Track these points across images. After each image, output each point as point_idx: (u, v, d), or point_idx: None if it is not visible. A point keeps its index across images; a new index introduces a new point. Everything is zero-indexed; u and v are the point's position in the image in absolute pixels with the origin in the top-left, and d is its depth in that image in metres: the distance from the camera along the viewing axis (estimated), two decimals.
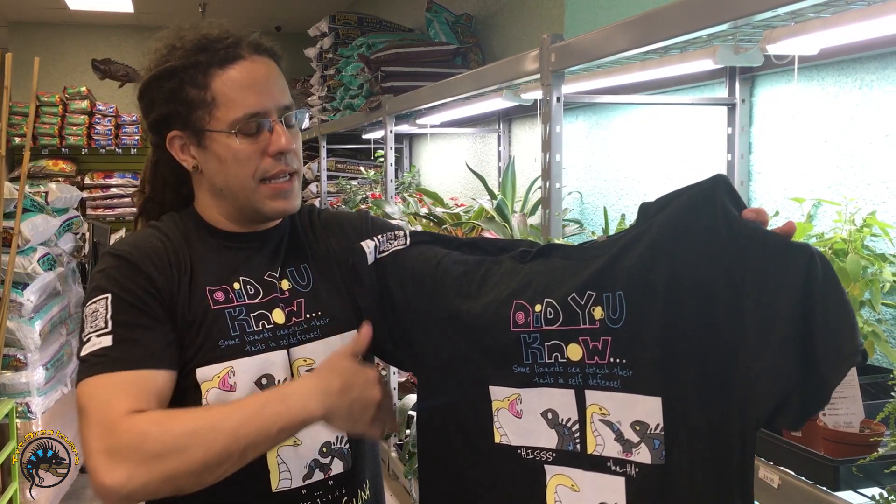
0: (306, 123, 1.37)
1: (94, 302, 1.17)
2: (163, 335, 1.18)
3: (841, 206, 1.73)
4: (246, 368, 1.22)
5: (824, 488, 1.23)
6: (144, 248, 1.22)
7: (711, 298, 0.99)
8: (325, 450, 1.27)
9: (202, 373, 1.21)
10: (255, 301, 1.26)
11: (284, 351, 1.25)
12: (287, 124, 1.25)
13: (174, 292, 1.21)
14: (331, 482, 1.27)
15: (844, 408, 1.26)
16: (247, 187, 1.23)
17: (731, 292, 0.98)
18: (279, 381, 1.24)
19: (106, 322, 1.15)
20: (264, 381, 1.23)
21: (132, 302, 1.17)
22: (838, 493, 1.21)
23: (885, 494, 1.13)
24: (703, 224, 1.01)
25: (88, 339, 1.15)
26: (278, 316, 1.26)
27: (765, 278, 0.95)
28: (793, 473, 1.29)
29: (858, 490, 1.21)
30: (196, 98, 1.21)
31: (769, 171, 2.12)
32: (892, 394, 1.20)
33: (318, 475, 1.26)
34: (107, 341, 1.13)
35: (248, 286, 1.27)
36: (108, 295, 1.17)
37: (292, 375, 1.25)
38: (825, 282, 0.93)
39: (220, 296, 1.24)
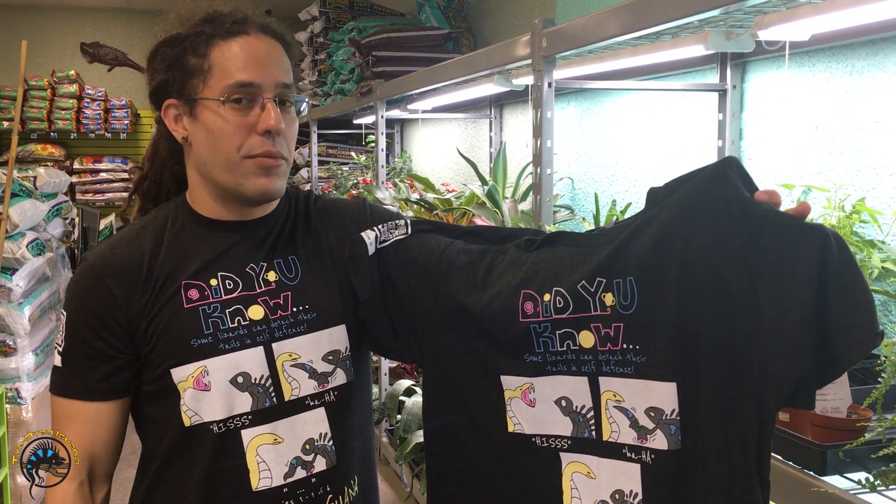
0: (305, 109, 1.34)
1: (61, 313, 1.26)
2: (104, 366, 1.22)
3: (830, 192, 1.74)
4: (219, 367, 1.20)
5: (812, 473, 1.24)
6: (113, 260, 1.22)
7: (725, 281, 0.98)
8: (307, 447, 1.24)
9: (177, 373, 1.20)
10: (232, 296, 1.23)
11: (261, 347, 1.22)
12: (282, 104, 1.22)
13: (140, 301, 1.21)
14: (314, 480, 1.25)
15: (832, 393, 1.26)
16: (231, 161, 1.19)
17: (744, 275, 0.97)
18: (255, 378, 1.22)
19: (62, 341, 1.24)
20: (240, 379, 1.21)
21: (81, 329, 1.22)
22: (825, 478, 1.22)
23: (872, 479, 1.14)
24: (715, 207, 0.99)
25: (56, 349, 1.26)
26: (255, 312, 1.23)
27: (779, 260, 0.94)
28: (781, 458, 1.30)
29: (845, 475, 1.22)
30: (194, 66, 1.20)
31: (760, 157, 2.13)
32: (880, 379, 1.20)
33: (301, 473, 1.24)
34: (59, 361, 1.24)
35: (226, 281, 1.24)
36: (66, 315, 1.24)
37: (276, 370, 1.23)
38: (841, 262, 0.92)
39: (194, 293, 1.22)
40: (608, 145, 2.87)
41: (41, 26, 7.61)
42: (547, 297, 1.10)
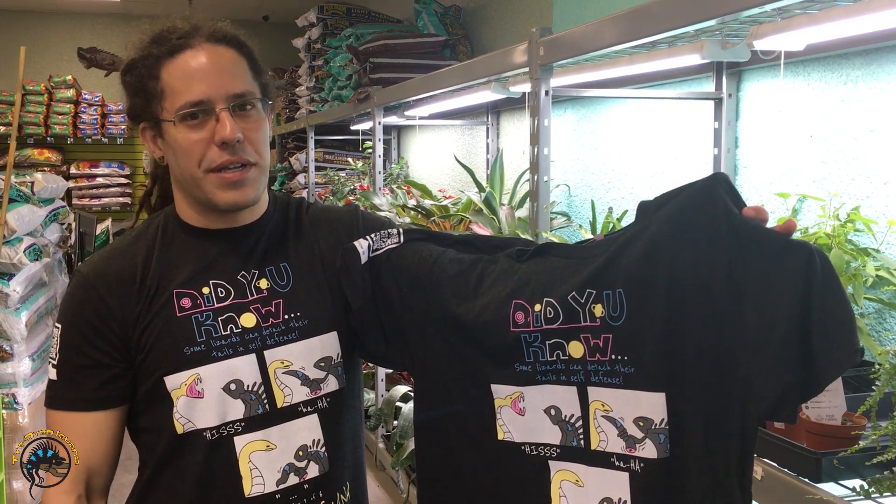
0: (256, 116, 1.30)
1: (55, 327, 1.27)
2: (101, 375, 1.22)
3: (825, 200, 1.75)
4: (212, 375, 1.21)
5: (807, 480, 1.25)
6: (107, 271, 1.24)
7: (712, 296, 1.00)
8: (301, 453, 1.25)
9: (170, 381, 1.21)
10: (224, 304, 1.24)
11: (253, 355, 1.23)
12: (242, 108, 1.21)
13: (133, 310, 1.22)
14: (306, 486, 1.25)
15: (827, 401, 1.27)
16: (195, 177, 1.20)
17: (731, 290, 0.99)
18: (248, 385, 1.22)
19: (56, 354, 1.24)
20: (233, 386, 1.22)
21: (77, 340, 1.23)
22: (820, 485, 1.23)
23: (866, 486, 1.15)
24: (704, 222, 1.01)
25: (49, 363, 1.26)
26: (247, 319, 1.24)
27: (764, 276, 0.96)
28: (776, 465, 1.31)
29: (840, 482, 1.23)
30: (152, 89, 1.21)
31: (755, 166, 2.14)
32: (874, 387, 1.21)
33: (293, 479, 1.24)
34: (53, 374, 1.24)
35: (218, 289, 1.25)
36: (60, 327, 1.25)
37: (268, 378, 1.24)
38: (824, 280, 0.94)
39: (186, 302, 1.23)
40: (604, 153, 2.89)
41: (38, 31, 7.61)
42: (538, 307, 1.11)
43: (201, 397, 1.20)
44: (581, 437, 1.10)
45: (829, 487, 1.23)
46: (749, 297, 0.98)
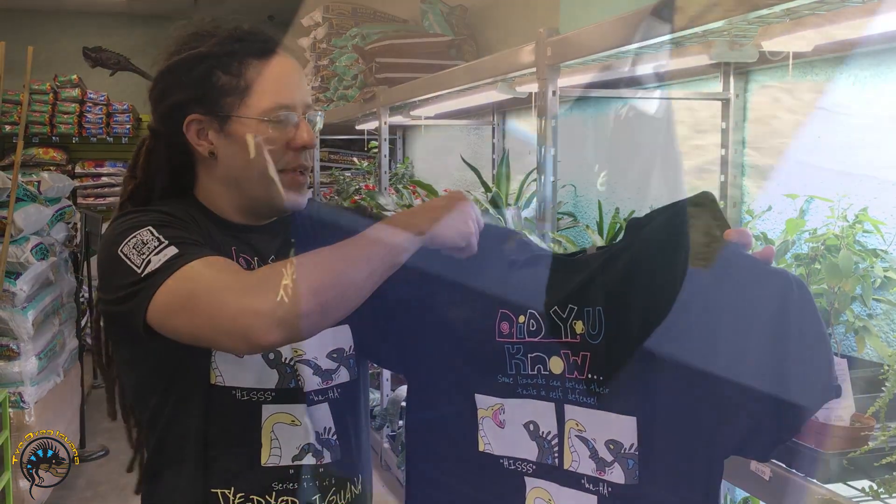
0: (320, 123, 1.44)
1: (132, 238, 1.13)
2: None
3: (833, 202, 1.75)
4: None
5: (815, 481, 1.25)
6: (161, 208, 1.23)
7: (686, 320, 0.97)
8: (315, 437, 1.28)
9: None
10: None
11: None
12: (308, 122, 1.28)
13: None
14: (321, 469, 1.28)
15: (836, 402, 1.27)
16: (266, 175, 1.24)
17: (706, 315, 0.96)
18: (283, 358, 1.24)
19: (160, 241, 1.11)
20: (271, 355, 1.23)
21: (175, 223, 1.17)
22: (829, 486, 1.23)
23: (875, 487, 1.15)
24: (683, 243, 0.99)
25: (148, 262, 1.09)
26: None
27: (740, 303, 0.94)
28: (784, 466, 1.31)
29: (849, 483, 1.23)
30: (228, 84, 1.23)
31: (763, 166, 2.14)
32: (883, 388, 1.21)
33: (310, 460, 1.27)
34: (172, 251, 1.10)
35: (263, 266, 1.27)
36: (148, 226, 1.14)
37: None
38: (801, 310, 0.91)
39: (242, 262, 1.25)
40: (611, 153, 2.88)
41: (43, 30, 7.63)
42: (521, 318, 1.11)
43: (241, 357, 1.21)
44: (556, 454, 1.09)
45: (838, 488, 1.23)
46: (723, 324, 0.95)
